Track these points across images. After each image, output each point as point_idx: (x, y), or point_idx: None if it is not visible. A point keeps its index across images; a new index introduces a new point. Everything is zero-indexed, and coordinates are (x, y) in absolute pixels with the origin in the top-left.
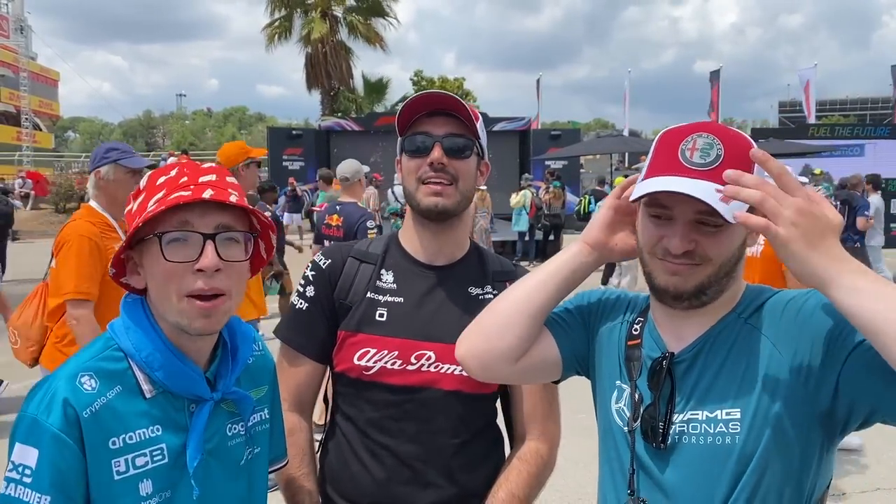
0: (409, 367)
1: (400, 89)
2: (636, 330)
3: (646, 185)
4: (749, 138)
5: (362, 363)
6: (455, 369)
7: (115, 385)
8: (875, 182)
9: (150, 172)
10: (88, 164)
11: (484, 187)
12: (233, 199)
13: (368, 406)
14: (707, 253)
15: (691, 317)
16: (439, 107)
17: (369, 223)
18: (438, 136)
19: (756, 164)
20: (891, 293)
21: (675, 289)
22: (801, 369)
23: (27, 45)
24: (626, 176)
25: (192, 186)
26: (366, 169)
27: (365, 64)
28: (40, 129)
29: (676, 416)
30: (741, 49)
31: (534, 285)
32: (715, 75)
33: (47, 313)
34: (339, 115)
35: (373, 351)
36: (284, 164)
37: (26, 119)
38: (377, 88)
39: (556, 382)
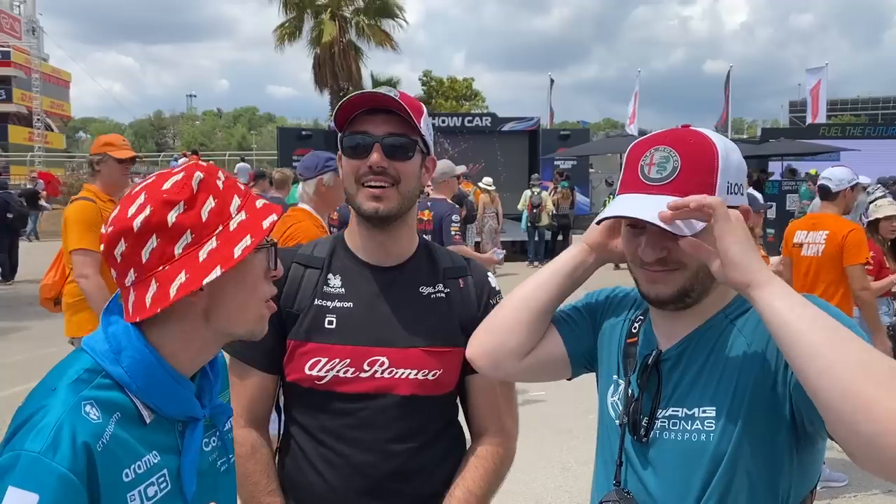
0: (363, 375)
1: (409, 89)
2: (635, 328)
3: (608, 209)
4: (714, 143)
5: (314, 373)
6: (410, 373)
7: (114, 412)
8: None
9: (200, 178)
10: (300, 172)
11: (492, 188)
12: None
13: (323, 415)
14: (680, 258)
15: (682, 316)
16: (379, 105)
17: (454, 217)
18: (378, 137)
19: (720, 167)
20: (801, 307)
21: (657, 295)
22: (769, 374)
23: (39, 46)
24: None
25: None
26: (461, 169)
27: (374, 64)
28: (52, 130)
29: (660, 411)
30: (751, 49)
31: (536, 285)
32: (726, 77)
33: None
34: None
35: (324, 360)
36: (294, 164)
37: (38, 120)
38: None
39: (569, 379)
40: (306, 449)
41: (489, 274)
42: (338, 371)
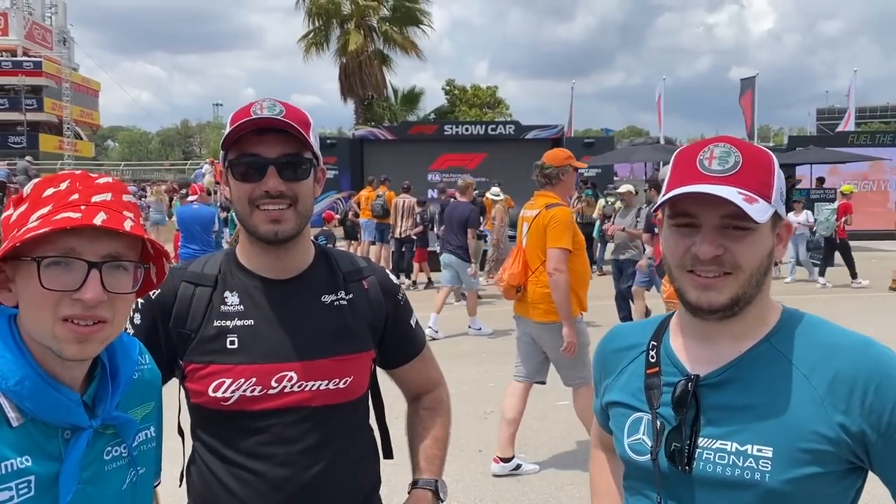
0: (271, 392)
1: (433, 98)
2: (653, 357)
3: (672, 191)
4: (768, 151)
5: (219, 395)
6: (320, 384)
7: None
8: None
9: (36, 180)
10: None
11: (501, 197)
12: (127, 226)
13: (233, 435)
14: (737, 259)
15: (718, 338)
16: (268, 125)
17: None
18: (271, 158)
19: (776, 168)
20: None
21: (710, 304)
22: (834, 412)
23: (69, 56)
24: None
25: (82, 207)
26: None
27: (399, 72)
28: (81, 139)
29: (702, 440)
30: (778, 56)
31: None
32: (749, 82)
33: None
34: (373, 123)
35: (228, 381)
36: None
37: (68, 128)
38: (410, 99)
39: None
40: (217, 470)
41: (388, 271)
42: (244, 391)
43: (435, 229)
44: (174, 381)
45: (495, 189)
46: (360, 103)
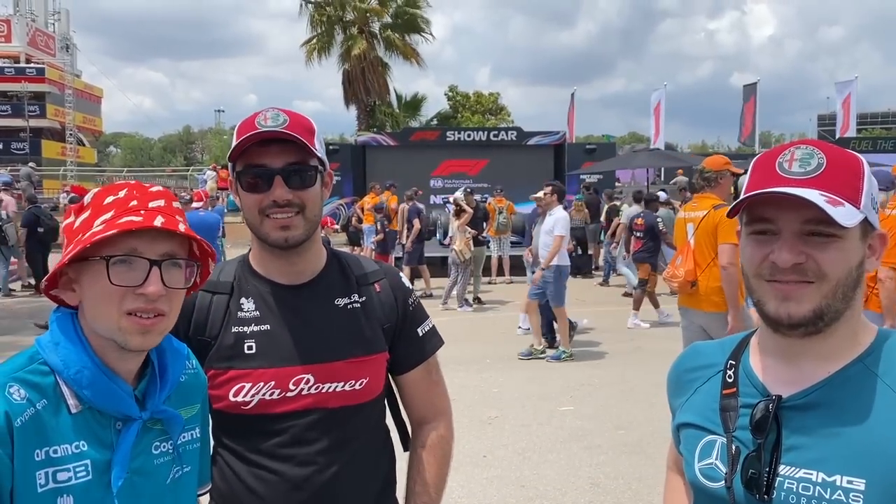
0: (289, 395)
1: (435, 104)
2: (730, 377)
3: (750, 192)
4: (857, 154)
5: (239, 399)
6: (337, 386)
7: (41, 398)
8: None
9: (96, 190)
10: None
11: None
12: (181, 228)
13: (254, 437)
14: (821, 267)
15: (804, 358)
16: (272, 137)
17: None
18: (277, 168)
19: (866, 171)
20: None
21: (790, 316)
22: None
23: (72, 62)
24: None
25: (142, 211)
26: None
27: (400, 79)
28: (84, 145)
29: (783, 468)
30: (779, 62)
31: None
32: (751, 88)
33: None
34: (375, 129)
35: (248, 385)
36: None
37: (71, 135)
38: (413, 105)
39: None
40: (239, 471)
41: (401, 274)
42: (263, 395)
43: (439, 235)
44: None
45: (458, 194)
46: (363, 109)
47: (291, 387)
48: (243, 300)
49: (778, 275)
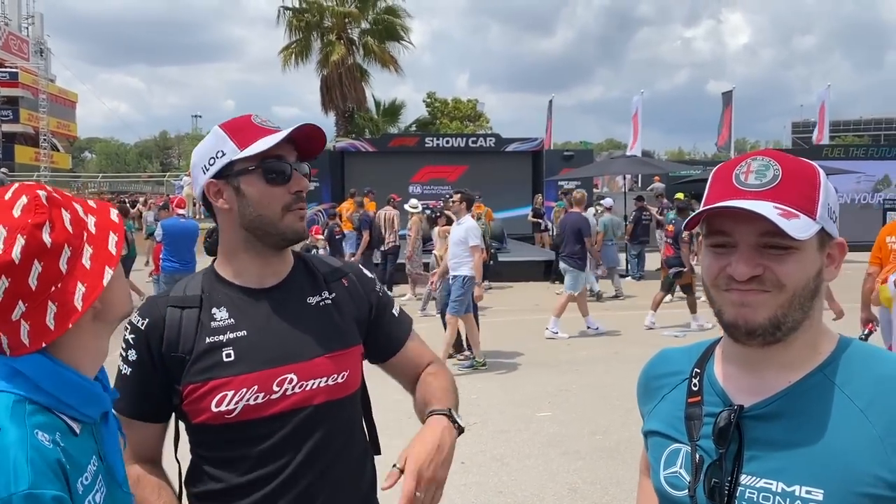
0: (274, 396)
1: (413, 111)
2: (695, 386)
3: (706, 205)
4: (813, 164)
5: (222, 409)
6: (320, 381)
7: (55, 432)
8: None
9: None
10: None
11: (418, 209)
12: None
13: (240, 446)
14: (779, 278)
15: (767, 367)
16: (306, 133)
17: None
18: (292, 162)
19: (822, 184)
20: None
21: (747, 322)
22: (891, 451)
23: (46, 67)
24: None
25: None
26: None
27: (379, 85)
28: (58, 150)
29: (745, 477)
30: (754, 70)
31: None
32: (728, 96)
33: None
34: (354, 136)
35: (230, 394)
36: None
37: (44, 140)
38: (391, 112)
39: None
40: (229, 482)
41: (361, 266)
42: (247, 400)
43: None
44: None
45: (413, 201)
46: (341, 115)
47: (276, 388)
48: (215, 310)
49: (735, 285)
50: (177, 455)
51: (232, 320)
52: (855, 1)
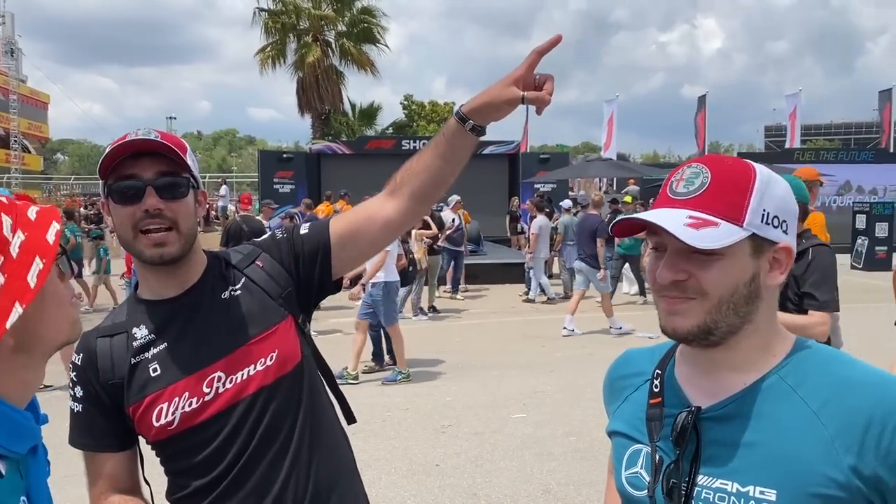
0: (207, 399)
1: (390, 113)
2: (657, 387)
3: (618, 219)
4: (753, 168)
5: (163, 422)
6: (249, 371)
7: None
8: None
9: None
10: None
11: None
12: None
13: (193, 453)
14: (701, 285)
15: (721, 369)
16: (144, 149)
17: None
18: (149, 179)
19: (755, 189)
20: None
21: (675, 330)
22: (846, 453)
23: (17, 67)
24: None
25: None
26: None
27: (356, 88)
28: (29, 152)
29: (701, 478)
30: (728, 74)
31: None
32: (703, 100)
33: None
34: (330, 138)
35: (165, 406)
36: (276, 186)
37: (15, 141)
38: (368, 114)
39: None
40: (199, 490)
41: (274, 233)
42: (182, 408)
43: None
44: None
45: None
46: (318, 118)
47: (206, 389)
48: (136, 330)
49: (663, 290)
50: (144, 476)
51: (153, 336)
52: (826, 7)
